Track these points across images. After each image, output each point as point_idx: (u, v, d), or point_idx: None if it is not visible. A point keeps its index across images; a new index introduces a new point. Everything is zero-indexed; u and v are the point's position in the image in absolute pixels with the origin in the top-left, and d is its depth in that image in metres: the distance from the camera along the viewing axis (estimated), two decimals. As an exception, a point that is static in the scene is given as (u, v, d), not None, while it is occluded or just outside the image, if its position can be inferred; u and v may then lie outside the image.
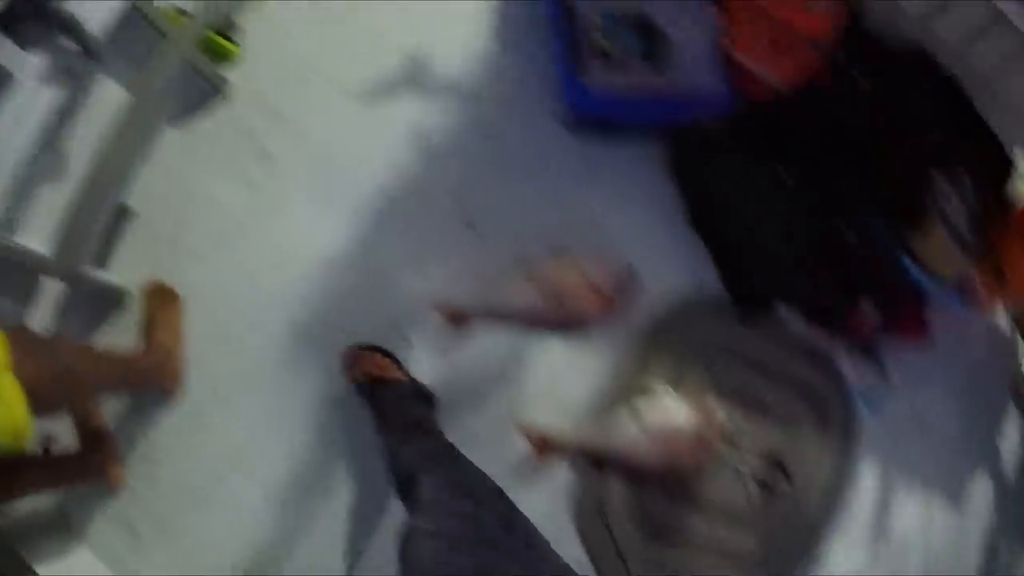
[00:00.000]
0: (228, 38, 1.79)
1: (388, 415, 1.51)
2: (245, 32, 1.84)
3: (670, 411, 1.54)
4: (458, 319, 1.47)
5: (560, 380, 1.76)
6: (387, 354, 1.64)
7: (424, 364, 1.67)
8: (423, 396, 1.60)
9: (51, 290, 1.49)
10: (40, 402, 1.08)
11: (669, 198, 1.84)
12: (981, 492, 2.05)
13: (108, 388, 1.49)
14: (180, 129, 1.78)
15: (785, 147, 1.73)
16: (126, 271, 1.65)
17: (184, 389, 1.61)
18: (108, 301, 1.63)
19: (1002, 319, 2.17)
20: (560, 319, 1.39)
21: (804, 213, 1.74)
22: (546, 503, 1.65)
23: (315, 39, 1.90)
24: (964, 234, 1.73)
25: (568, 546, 1.63)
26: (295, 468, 1.64)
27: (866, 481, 1.90)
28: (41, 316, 1.49)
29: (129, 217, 1.68)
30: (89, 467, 1.52)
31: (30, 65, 1.25)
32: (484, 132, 1.83)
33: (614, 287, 1.38)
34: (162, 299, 1.64)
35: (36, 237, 1.38)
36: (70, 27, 1.27)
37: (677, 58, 1.60)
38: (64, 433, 1.50)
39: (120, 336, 1.62)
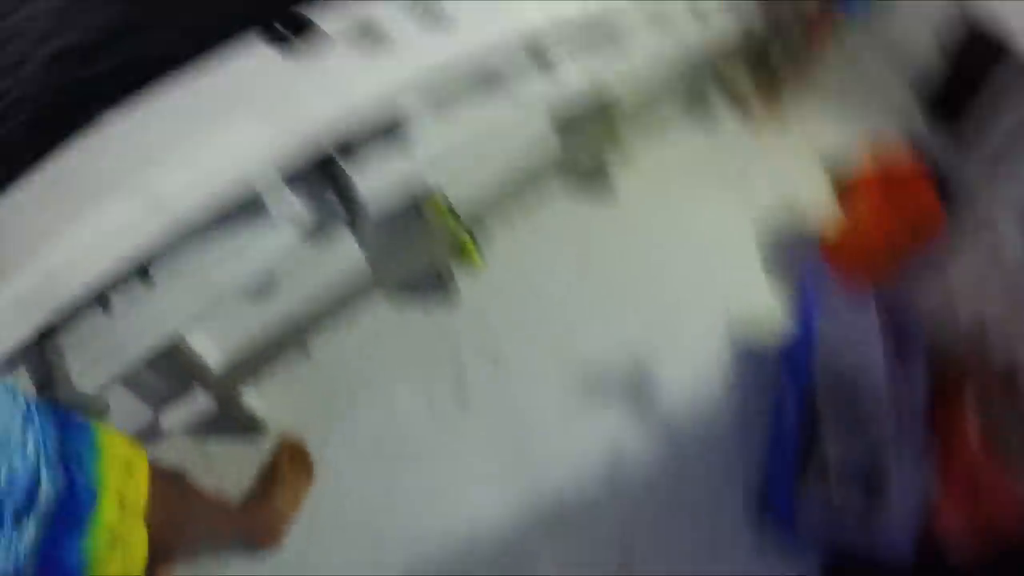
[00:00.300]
0: (475, 240, 1.77)
1: None
2: (492, 238, 1.87)
3: None
4: None
5: None
6: None
7: None
8: None
9: (199, 395, 1.48)
10: (153, 547, 1.04)
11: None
12: None
13: (214, 537, 1.42)
14: (394, 310, 1.79)
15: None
16: (272, 401, 1.61)
17: (278, 549, 1.47)
18: (243, 422, 1.59)
19: None
20: None
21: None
22: None
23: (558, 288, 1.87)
24: None
25: None
26: None
27: None
28: (178, 414, 1.47)
29: (303, 354, 1.68)
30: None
31: (288, 205, 1.31)
32: (675, 479, 1.65)
33: None
34: (295, 459, 1.56)
35: (210, 346, 1.39)
36: (342, 185, 1.33)
37: (888, 504, 1.55)
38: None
39: (238, 462, 1.55)
